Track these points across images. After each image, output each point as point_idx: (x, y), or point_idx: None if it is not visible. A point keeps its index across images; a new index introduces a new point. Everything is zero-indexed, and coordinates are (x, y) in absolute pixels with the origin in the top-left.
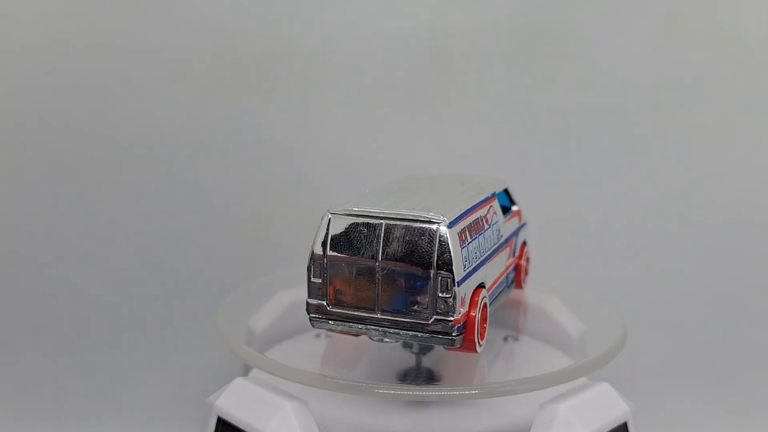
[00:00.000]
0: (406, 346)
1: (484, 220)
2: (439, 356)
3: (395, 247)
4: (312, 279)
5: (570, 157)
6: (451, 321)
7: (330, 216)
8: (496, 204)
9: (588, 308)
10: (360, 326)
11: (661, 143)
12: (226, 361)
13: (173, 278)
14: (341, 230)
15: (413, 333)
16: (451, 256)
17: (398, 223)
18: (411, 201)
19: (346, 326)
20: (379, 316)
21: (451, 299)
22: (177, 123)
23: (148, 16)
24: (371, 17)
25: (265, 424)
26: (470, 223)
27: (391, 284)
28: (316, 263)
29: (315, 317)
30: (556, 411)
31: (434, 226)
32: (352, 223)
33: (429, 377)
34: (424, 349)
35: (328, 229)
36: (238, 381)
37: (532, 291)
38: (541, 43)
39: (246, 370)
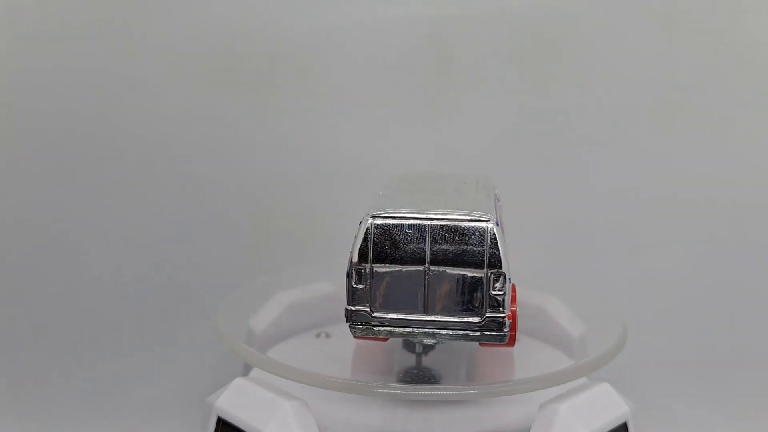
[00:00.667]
0: (406, 345)
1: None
2: (438, 356)
3: (444, 247)
4: (354, 285)
5: (570, 157)
6: (503, 317)
7: (371, 220)
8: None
9: (588, 308)
10: (407, 330)
11: (661, 143)
12: (225, 361)
13: (173, 278)
14: (385, 234)
15: (464, 332)
16: (500, 253)
17: (446, 223)
18: (443, 201)
19: (392, 331)
20: (427, 318)
21: (502, 296)
22: (177, 123)
23: (151, 14)
24: (372, 17)
25: (265, 424)
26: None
27: (441, 285)
28: (357, 269)
29: (357, 325)
30: (556, 411)
31: (483, 225)
32: (397, 226)
33: (429, 377)
34: (426, 349)
35: (367, 234)
36: (238, 381)
37: (532, 291)
38: (542, 43)
39: (246, 370)
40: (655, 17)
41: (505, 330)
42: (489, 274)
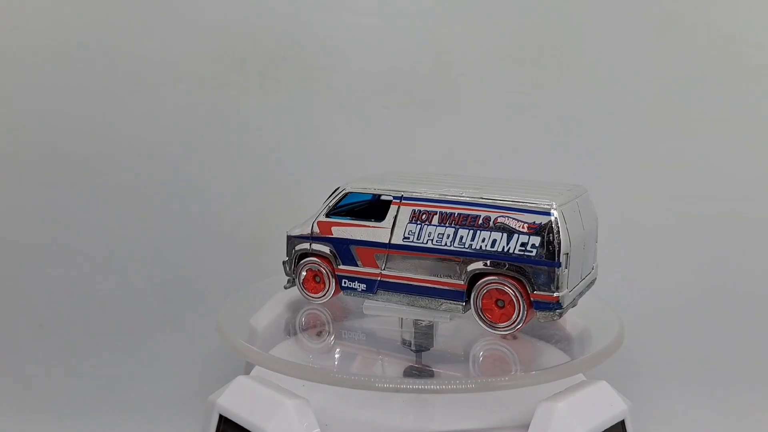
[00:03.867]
0: (405, 344)
1: None
2: (438, 354)
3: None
4: None
5: (569, 157)
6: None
7: None
8: None
9: (587, 307)
10: None
11: (660, 143)
12: (227, 359)
13: (175, 277)
14: None
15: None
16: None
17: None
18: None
19: None
20: None
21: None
22: (178, 123)
23: (151, 17)
24: (372, 18)
25: (267, 421)
26: None
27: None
28: None
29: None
30: (554, 409)
31: (552, 210)
32: None
33: (429, 374)
34: (425, 348)
35: None
36: (240, 379)
37: None
38: (541, 43)
39: (248, 369)
40: (654, 19)
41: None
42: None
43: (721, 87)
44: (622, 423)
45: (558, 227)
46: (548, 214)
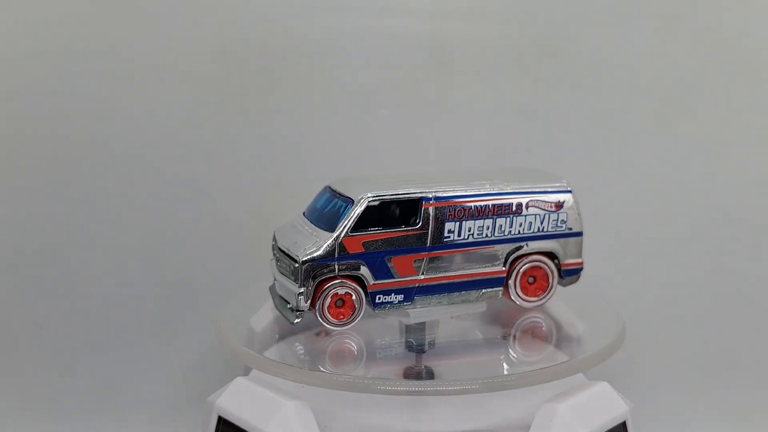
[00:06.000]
0: (405, 344)
1: None
2: (438, 355)
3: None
4: None
5: (569, 157)
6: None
7: None
8: None
9: (588, 307)
10: None
11: (660, 143)
12: (226, 360)
13: (174, 277)
14: None
15: None
16: None
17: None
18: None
19: None
20: None
21: None
22: (177, 124)
23: (148, 17)
24: (372, 18)
25: (266, 423)
26: None
27: None
28: None
29: None
30: (555, 410)
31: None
32: None
33: (429, 375)
34: (425, 348)
35: None
36: (239, 380)
37: None
38: (541, 43)
39: (247, 369)
40: (655, 18)
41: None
42: None
43: (724, 87)
44: (624, 424)
45: (577, 202)
46: (568, 191)
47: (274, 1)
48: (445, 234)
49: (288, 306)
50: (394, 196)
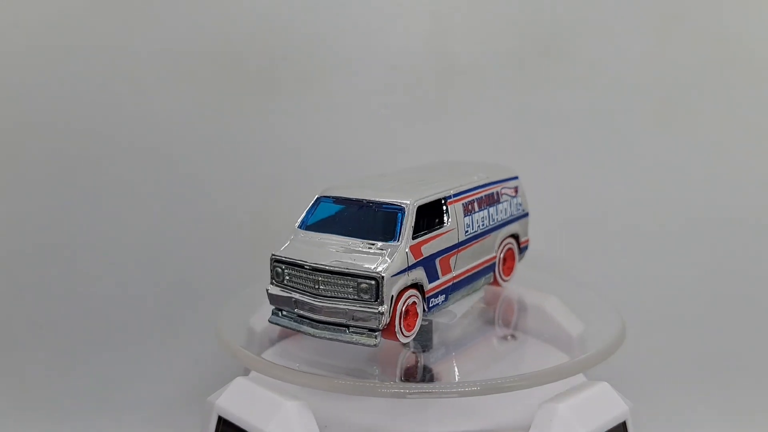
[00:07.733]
0: (405, 345)
1: None
2: (438, 356)
3: None
4: None
5: (569, 157)
6: None
7: None
8: None
9: (588, 307)
10: None
11: (660, 143)
12: (226, 360)
13: (174, 277)
14: None
15: None
16: None
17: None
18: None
19: None
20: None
21: None
22: (177, 123)
23: (151, 15)
24: (372, 18)
25: (266, 423)
26: None
27: None
28: None
29: None
30: (555, 410)
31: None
32: None
33: (429, 376)
34: (425, 348)
35: None
36: (239, 380)
37: (531, 290)
38: (542, 43)
39: (247, 369)
40: (655, 18)
41: None
42: None
43: (724, 87)
44: (624, 424)
45: (522, 185)
46: (517, 178)
47: (275, 1)
48: (465, 228)
49: (350, 330)
50: (431, 198)
